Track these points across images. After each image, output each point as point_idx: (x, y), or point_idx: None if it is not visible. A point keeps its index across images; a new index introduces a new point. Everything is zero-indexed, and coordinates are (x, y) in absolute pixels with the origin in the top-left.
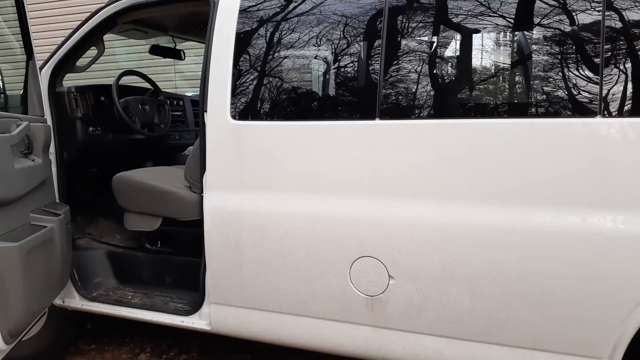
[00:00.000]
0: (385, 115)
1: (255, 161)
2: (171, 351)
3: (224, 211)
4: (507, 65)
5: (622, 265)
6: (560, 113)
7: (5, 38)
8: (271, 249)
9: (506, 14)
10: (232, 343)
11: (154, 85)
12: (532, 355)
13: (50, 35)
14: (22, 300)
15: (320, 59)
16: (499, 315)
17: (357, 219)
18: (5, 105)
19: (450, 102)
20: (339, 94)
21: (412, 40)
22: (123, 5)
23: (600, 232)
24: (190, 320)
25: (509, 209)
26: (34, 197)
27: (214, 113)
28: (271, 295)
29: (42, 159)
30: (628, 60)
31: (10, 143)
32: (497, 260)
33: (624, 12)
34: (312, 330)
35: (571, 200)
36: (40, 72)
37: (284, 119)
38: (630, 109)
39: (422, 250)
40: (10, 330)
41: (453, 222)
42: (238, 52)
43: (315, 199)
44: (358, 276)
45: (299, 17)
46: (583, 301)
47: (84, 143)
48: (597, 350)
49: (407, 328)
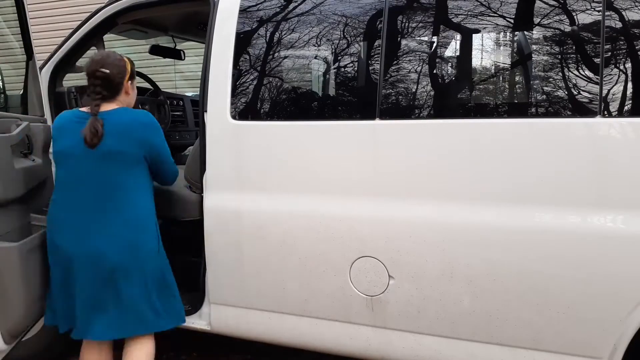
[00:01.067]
0: (385, 115)
1: (255, 161)
2: (171, 351)
3: (224, 211)
4: (507, 65)
5: (622, 265)
6: (560, 113)
7: (5, 38)
8: (271, 249)
9: (506, 14)
10: (232, 343)
11: (154, 85)
12: (532, 355)
13: (50, 35)
14: (22, 300)
15: (320, 59)
16: (499, 315)
17: (357, 219)
18: (5, 105)
19: (450, 102)
20: (338, 94)
21: (412, 40)
22: (123, 5)
23: (600, 232)
24: (190, 320)
25: (509, 209)
26: (34, 197)
27: (213, 113)
28: (271, 295)
29: (42, 159)
30: (628, 60)
31: (10, 143)
32: (497, 260)
33: (624, 12)
34: (312, 330)
35: (571, 200)
36: (40, 72)
37: (283, 119)
38: (630, 109)
39: (422, 250)
40: (10, 330)
41: (453, 222)
42: (238, 52)
43: (315, 198)
44: (358, 276)
45: (299, 17)
46: (583, 301)
47: None
48: (597, 350)
49: (407, 328)
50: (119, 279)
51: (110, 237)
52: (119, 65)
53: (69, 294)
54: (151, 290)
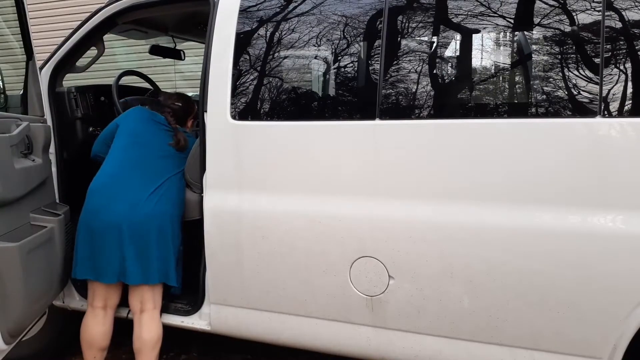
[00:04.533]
0: (385, 115)
1: (255, 161)
2: (171, 351)
3: (224, 211)
4: (507, 65)
5: (621, 265)
6: (560, 113)
7: (5, 38)
8: (271, 249)
9: (506, 14)
10: (232, 343)
11: (154, 85)
12: (532, 355)
13: (50, 35)
14: (22, 300)
15: (320, 59)
16: (499, 315)
17: (357, 219)
18: (5, 105)
19: (450, 102)
20: (338, 94)
21: (412, 40)
22: (123, 5)
23: (600, 232)
24: (190, 320)
25: (509, 209)
26: (34, 197)
27: (213, 113)
28: (271, 295)
29: (42, 159)
30: (628, 60)
31: (10, 143)
32: (497, 260)
33: (624, 12)
34: (312, 330)
35: (571, 200)
36: (40, 72)
37: (283, 119)
38: (630, 109)
39: (422, 250)
40: (10, 330)
41: (453, 222)
42: (238, 52)
43: (315, 198)
44: (358, 276)
45: (299, 17)
46: (583, 301)
47: (84, 143)
48: (597, 350)
49: (407, 328)
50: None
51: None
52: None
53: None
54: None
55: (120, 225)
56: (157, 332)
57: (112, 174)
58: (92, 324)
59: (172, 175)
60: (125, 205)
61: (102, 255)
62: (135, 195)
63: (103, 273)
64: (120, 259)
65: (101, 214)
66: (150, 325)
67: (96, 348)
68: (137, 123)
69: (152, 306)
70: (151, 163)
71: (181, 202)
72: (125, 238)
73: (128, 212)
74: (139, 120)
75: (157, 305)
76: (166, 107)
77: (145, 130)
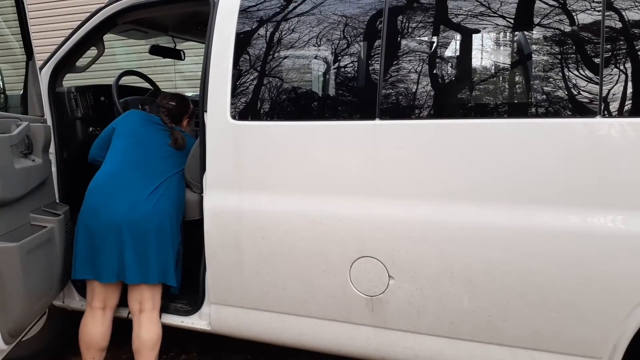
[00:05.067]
0: (385, 115)
1: (255, 161)
2: (171, 351)
3: (224, 211)
4: (507, 65)
5: (622, 265)
6: (560, 113)
7: (5, 38)
8: (271, 249)
9: (506, 14)
10: (232, 343)
11: (154, 85)
12: (532, 355)
13: (50, 35)
14: (22, 300)
15: (320, 59)
16: (499, 315)
17: (357, 219)
18: (5, 105)
19: (450, 102)
20: (338, 94)
21: (412, 40)
22: (123, 5)
23: (600, 232)
24: (190, 320)
25: (508, 209)
26: (34, 197)
27: (214, 113)
28: (271, 295)
29: (42, 159)
30: (628, 60)
31: (10, 143)
32: (497, 260)
33: (624, 12)
34: (312, 330)
35: (571, 200)
36: (40, 72)
37: (284, 119)
38: (630, 109)
39: (422, 250)
40: (10, 330)
41: (453, 222)
42: (238, 52)
43: (315, 198)
44: (358, 276)
45: (299, 17)
46: (583, 301)
47: (84, 143)
48: (597, 350)
49: (407, 328)
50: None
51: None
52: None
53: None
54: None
55: (120, 225)
56: (156, 333)
57: (112, 174)
58: (91, 324)
59: (172, 175)
60: (124, 204)
61: (101, 255)
62: (135, 194)
63: (102, 272)
64: (119, 259)
65: (100, 214)
66: (149, 326)
67: (95, 349)
68: (136, 124)
69: (151, 306)
70: (152, 163)
71: (181, 202)
72: (124, 237)
73: (127, 212)
74: (138, 122)
75: (156, 306)
76: (161, 107)
77: (145, 132)
